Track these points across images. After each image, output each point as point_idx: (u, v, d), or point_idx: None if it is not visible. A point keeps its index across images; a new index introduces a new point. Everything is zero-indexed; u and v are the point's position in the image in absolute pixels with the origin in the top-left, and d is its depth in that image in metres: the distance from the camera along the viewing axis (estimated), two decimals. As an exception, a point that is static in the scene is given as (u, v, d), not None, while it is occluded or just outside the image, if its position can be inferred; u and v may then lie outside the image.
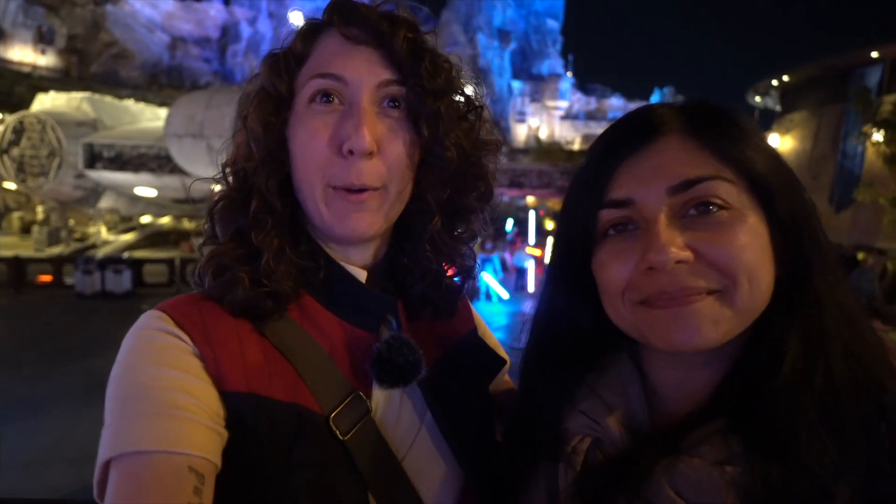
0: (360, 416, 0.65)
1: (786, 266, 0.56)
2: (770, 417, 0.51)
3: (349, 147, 0.64)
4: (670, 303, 0.54)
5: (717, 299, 0.54)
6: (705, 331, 0.53)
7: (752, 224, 0.54)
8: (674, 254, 0.53)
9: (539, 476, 0.66)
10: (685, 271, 0.54)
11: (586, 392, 0.64)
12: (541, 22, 78.73)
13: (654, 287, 0.54)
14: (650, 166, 0.57)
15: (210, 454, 0.56)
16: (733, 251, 0.53)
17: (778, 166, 0.57)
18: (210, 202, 0.71)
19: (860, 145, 20.98)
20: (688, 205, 0.55)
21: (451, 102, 0.71)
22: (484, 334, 0.87)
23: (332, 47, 0.68)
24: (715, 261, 0.53)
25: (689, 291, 0.53)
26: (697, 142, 0.56)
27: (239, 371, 0.61)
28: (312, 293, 0.70)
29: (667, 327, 0.54)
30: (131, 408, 0.56)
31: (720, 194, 0.54)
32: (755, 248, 0.54)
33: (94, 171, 22.80)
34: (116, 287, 12.85)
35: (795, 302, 0.55)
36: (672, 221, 0.55)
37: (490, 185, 0.76)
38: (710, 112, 0.58)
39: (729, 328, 0.54)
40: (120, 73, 43.61)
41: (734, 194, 0.55)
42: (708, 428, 0.54)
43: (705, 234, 0.54)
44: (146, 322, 0.63)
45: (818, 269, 0.55)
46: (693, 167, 0.55)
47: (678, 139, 0.57)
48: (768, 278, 0.55)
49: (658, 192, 0.55)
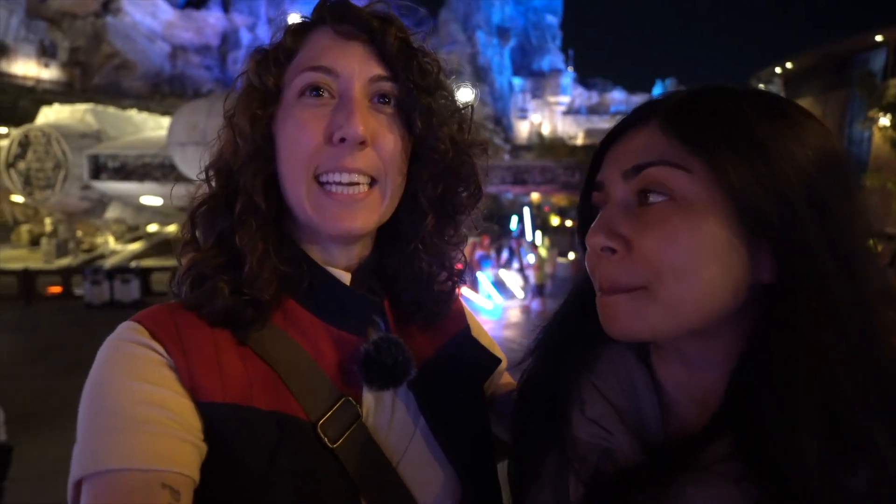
0: (351, 422, 0.64)
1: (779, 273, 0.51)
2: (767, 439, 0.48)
3: (341, 135, 0.63)
4: (599, 293, 0.55)
5: (639, 294, 0.52)
6: (627, 322, 0.53)
7: (697, 220, 0.50)
8: (598, 241, 0.53)
9: (545, 482, 0.64)
10: (614, 262, 0.53)
11: (594, 396, 0.61)
12: (539, 18, 78.51)
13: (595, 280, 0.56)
14: (619, 151, 0.57)
15: (185, 468, 0.55)
16: (657, 245, 0.51)
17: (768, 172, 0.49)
18: (192, 205, 0.68)
19: (866, 130, 20.77)
20: (641, 192, 0.53)
21: (441, 99, 0.70)
22: (478, 334, 0.85)
23: (323, 42, 0.67)
24: (641, 254, 0.52)
25: (609, 282, 0.54)
26: (672, 131, 0.52)
27: (216, 381, 0.59)
28: (296, 298, 0.68)
29: (604, 315, 0.55)
30: (102, 424, 0.55)
31: (666, 182, 0.51)
32: (692, 245, 0.50)
33: (100, 181, 22.95)
34: (125, 296, 12.89)
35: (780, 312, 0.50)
36: (623, 208, 0.54)
37: (479, 184, 0.75)
38: (695, 102, 0.53)
39: (657, 323, 0.52)
40: (122, 83, 43.89)
41: (686, 185, 0.51)
42: (724, 442, 0.51)
43: (640, 224, 0.52)
44: (120, 333, 0.61)
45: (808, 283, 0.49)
46: (650, 153, 0.53)
47: (654, 127, 0.54)
48: (714, 280, 0.50)
49: (615, 177, 0.55)
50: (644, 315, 0.52)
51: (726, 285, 0.51)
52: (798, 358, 0.48)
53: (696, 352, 0.56)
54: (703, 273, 0.50)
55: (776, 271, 0.50)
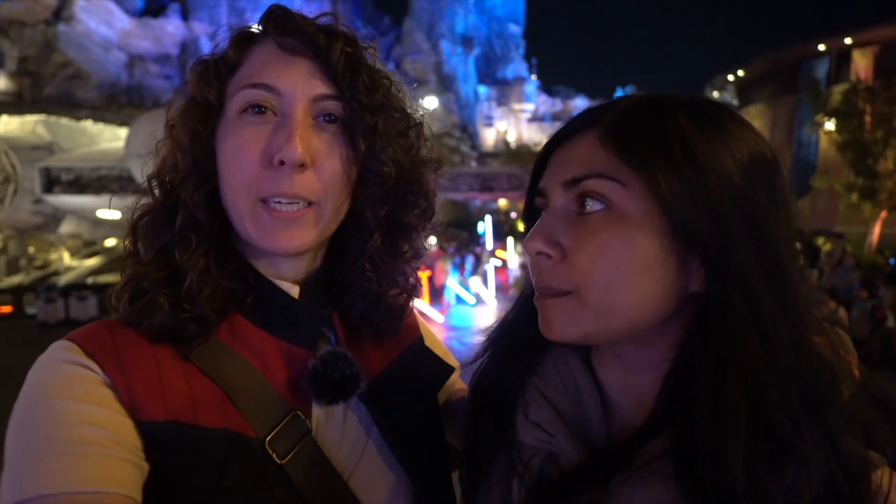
0: (300, 437, 0.63)
1: (708, 284, 0.52)
2: (696, 439, 0.50)
3: (280, 158, 0.61)
4: (537, 294, 0.58)
5: (571, 299, 0.54)
6: (562, 326, 0.55)
7: (632, 233, 0.51)
8: (535, 246, 0.55)
9: (492, 486, 0.64)
10: (548, 268, 0.55)
11: (538, 399, 0.61)
12: (503, 27, 79.69)
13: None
14: (560, 159, 0.58)
15: (125, 489, 0.52)
16: (589, 255, 0.53)
17: (700, 186, 0.50)
18: (132, 217, 0.66)
19: (813, 134, 21.82)
20: (580, 197, 0.55)
21: (389, 118, 0.68)
22: (431, 343, 0.85)
23: (265, 57, 0.65)
24: (573, 262, 0.54)
25: (543, 286, 0.56)
26: (610, 145, 0.53)
27: (156, 399, 0.58)
28: (243, 312, 0.67)
29: (541, 318, 0.57)
30: (35, 448, 0.52)
31: (603, 193, 0.53)
32: (623, 258, 0.51)
33: (53, 195, 22.04)
34: (81, 314, 12.35)
35: (709, 321, 0.52)
36: (563, 216, 0.56)
37: (431, 203, 0.75)
38: (634, 114, 0.54)
39: (589, 328, 0.54)
40: (76, 94, 42.34)
41: (622, 197, 0.52)
42: (660, 441, 0.53)
43: (576, 234, 0.54)
44: (52, 354, 0.59)
45: (737, 295, 0.50)
46: (588, 165, 0.54)
47: (594, 137, 0.55)
48: (644, 291, 0.52)
49: (556, 186, 0.57)
50: (578, 320, 0.54)
51: (656, 295, 0.52)
52: (726, 365, 0.50)
53: (631, 356, 0.58)
54: (633, 284, 0.52)
55: (706, 282, 0.52)
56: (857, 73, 20.95)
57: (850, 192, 15.22)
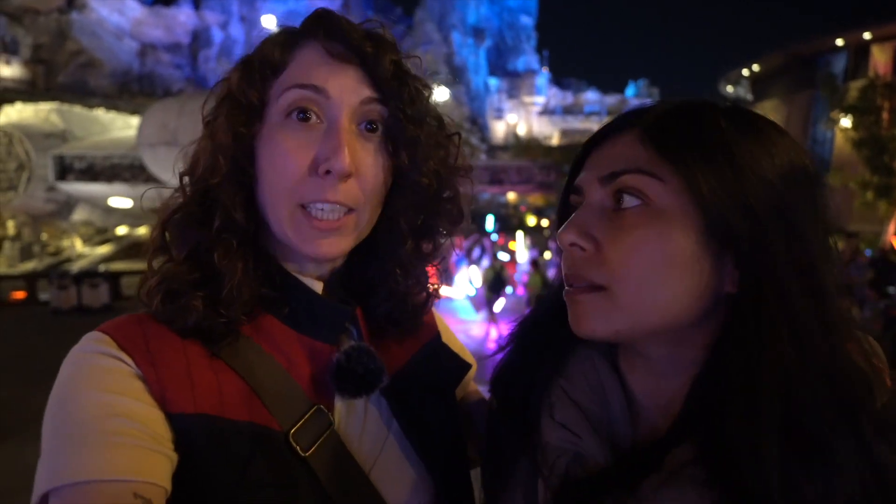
0: (323, 430, 0.64)
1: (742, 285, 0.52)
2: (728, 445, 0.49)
3: (327, 167, 0.61)
4: (568, 288, 0.57)
5: (603, 296, 0.54)
6: (593, 322, 0.54)
7: (667, 229, 0.51)
8: (569, 237, 0.55)
9: (515, 487, 0.65)
10: (581, 259, 0.55)
11: (563, 400, 0.61)
12: (514, 18, 79.06)
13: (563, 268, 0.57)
14: (598, 157, 0.58)
15: (157, 478, 0.54)
16: (624, 250, 0.52)
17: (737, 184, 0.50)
18: (164, 212, 0.66)
19: (829, 131, 21.50)
20: (617, 193, 0.55)
21: (429, 129, 0.69)
22: (448, 339, 0.85)
23: (313, 59, 0.64)
24: (607, 257, 0.53)
25: (575, 279, 0.55)
26: (650, 142, 0.54)
27: (186, 392, 0.59)
28: (268, 309, 0.68)
29: (571, 313, 0.57)
30: (69, 437, 0.54)
31: (640, 188, 0.53)
32: (658, 255, 0.51)
33: (66, 183, 22.29)
34: (93, 301, 12.51)
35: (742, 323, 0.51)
36: (598, 210, 0.55)
37: (461, 209, 0.75)
38: (675, 115, 0.55)
39: (620, 325, 0.53)
40: (89, 82, 42.65)
41: (658, 193, 0.52)
42: (687, 447, 0.52)
43: (612, 229, 0.54)
44: (85, 345, 0.60)
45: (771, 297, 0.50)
46: (627, 161, 0.54)
47: (634, 137, 0.55)
48: (677, 289, 0.52)
49: (593, 181, 0.57)
50: (609, 317, 0.54)
51: (689, 294, 0.52)
52: (760, 368, 0.49)
53: (660, 357, 0.58)
54: (666, 281, 0.52)
55: (740, 283, 0.52)
56: (876, 68, 20.60)
57: (866, 189, 15.04)
